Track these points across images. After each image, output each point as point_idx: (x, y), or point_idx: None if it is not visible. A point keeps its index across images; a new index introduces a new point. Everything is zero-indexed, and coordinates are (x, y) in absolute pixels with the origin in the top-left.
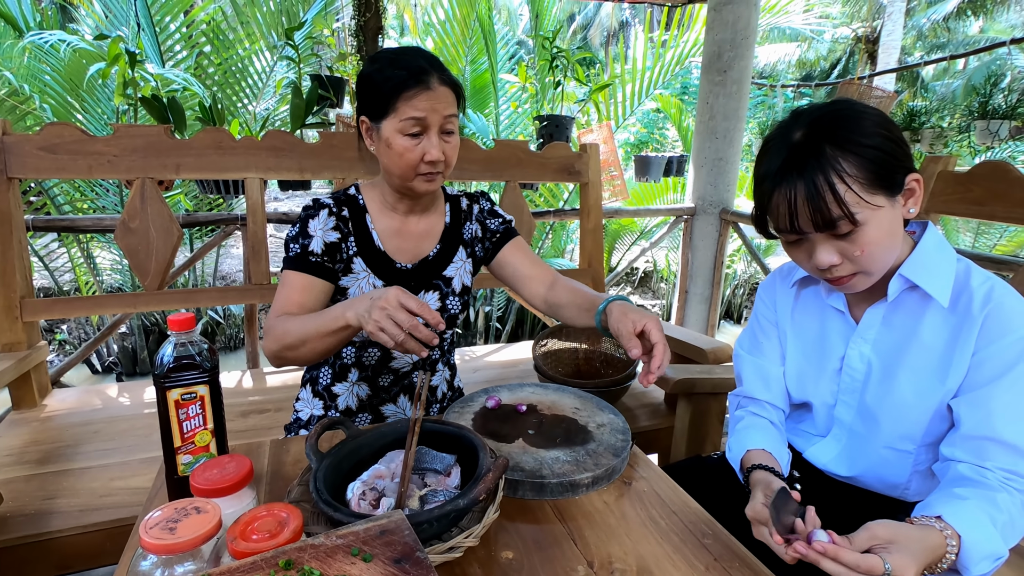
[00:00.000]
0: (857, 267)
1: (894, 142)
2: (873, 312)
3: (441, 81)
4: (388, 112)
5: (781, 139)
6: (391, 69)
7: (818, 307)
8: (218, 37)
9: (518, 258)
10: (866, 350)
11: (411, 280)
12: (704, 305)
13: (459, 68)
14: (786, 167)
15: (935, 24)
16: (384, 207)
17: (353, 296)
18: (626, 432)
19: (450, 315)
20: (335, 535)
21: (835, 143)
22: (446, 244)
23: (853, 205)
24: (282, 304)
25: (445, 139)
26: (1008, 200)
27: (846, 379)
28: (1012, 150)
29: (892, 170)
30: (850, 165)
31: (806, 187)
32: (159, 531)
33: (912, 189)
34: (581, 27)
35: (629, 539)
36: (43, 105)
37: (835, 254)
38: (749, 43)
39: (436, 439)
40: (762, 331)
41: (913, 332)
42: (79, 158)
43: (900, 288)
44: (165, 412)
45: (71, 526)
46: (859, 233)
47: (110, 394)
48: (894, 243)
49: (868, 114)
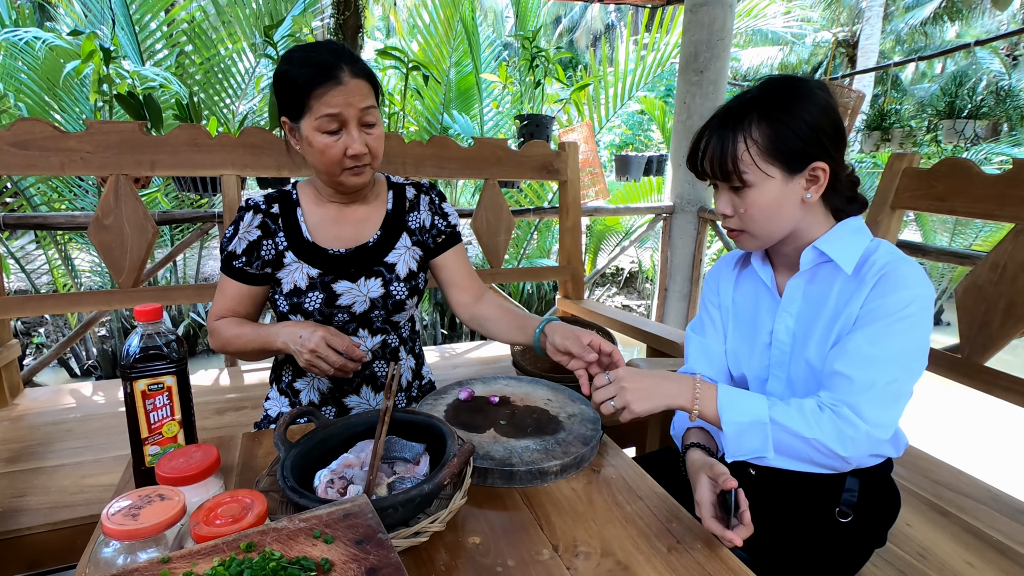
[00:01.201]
0: (743, 224)
1: (815, 129)
2: (794, 283)
3: (353, 74)
4: (304, 112)
5: (737, 96)
6: (301, 68)
7: (753, 286)
8: (199, 36)
9: (456, 265)
10: (790, 322)
11: (349, 266)
12: (683, 302)
13: (443, 69)
14: (718, 117)
15: (912, 29)
16: (319, 200)
17: (286, 285)
18: (596, 422)
19: (395, 300)
20: (298, 519)
21: (761, 111)
22: (387, 230)
23: (744, 165)
24: (218, 308)
25: (367, 131)
26: (968, 195)
27: (775, 352)
28: (987, 152)
29: (796, 150)
30: (759, 132)
31: (718, 138)
32: (121, 517)
33: (816, 176)
34: (567, 30)
35: (595, 523)
36: (18, 104)
37: (729, 206)
38: (725, 44)
39: (406, 428)
40: (707, 313)
41: (823, 302)
42: (51, 154)
43: (813, 260)
44: (132, 403)
45: (41, 523)
46: (747, 192)
47: (84, 393)
48: (779, 214)
49: (813, 99)
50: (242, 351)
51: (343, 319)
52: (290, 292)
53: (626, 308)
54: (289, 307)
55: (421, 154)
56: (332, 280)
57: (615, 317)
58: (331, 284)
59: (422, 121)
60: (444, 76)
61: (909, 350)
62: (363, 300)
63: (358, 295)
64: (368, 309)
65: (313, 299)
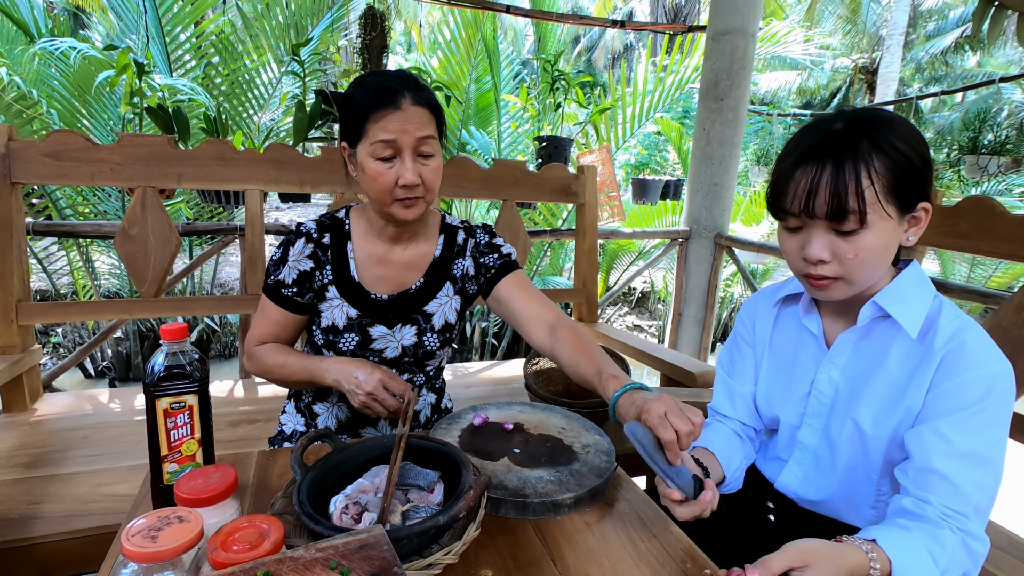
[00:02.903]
0: (843, 271)
1: (923, 159)
2: (845, 338)
3: (414, 101)
4: (361, 136)
5: (819, 126)
6: (366, 91)
7: (795, 328)
8: (226, 49)
9: (516, 295)
10: (835, 375)
11: (388, 312)
12: (697, 328)
13: (463, 87)
14: (820, 147)
15: (933, 57)
16: (370, 233)
17: (325, 320)
18: (611, 453)
19: (426, 351)
20: (314, 548)
21: (872, 140)
22: (431, 278)
23: (869, 203)
24: (260, 332)
25: (422, 162)
26: (992, 235)
27: (813, 402)
28: (1008, 183)
29: (912, 186)
30: (880, 164)
31: (834, 169)
32: (140, 539)
33: (919, 217)
34: (586, 49)
35: (608, 560)
36: (50, 110)
37: (828, 250)
38: (746, 72)
39: (421, 455)
40: (738, 351)
41: (880, 361)
42: (82, 165)
43: (871, 315)
44: (153, 420)
45: (55, 532)
46: (860, 235)
47: (101, 400)
48: (884, 260)
49: (905, 124)
50: (285, 380)
51: (374, 360)
52: (327, 328)
53: (637, 328)
54: (324, 343)
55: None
56: (369, 324)
57: (629, 343)
58: (368, 328)
59: None
60: (463, 93)
61: (997, 438)
62: (395, 347)
63: (391, 341)
64: (399, 356)
65: (348, 340)
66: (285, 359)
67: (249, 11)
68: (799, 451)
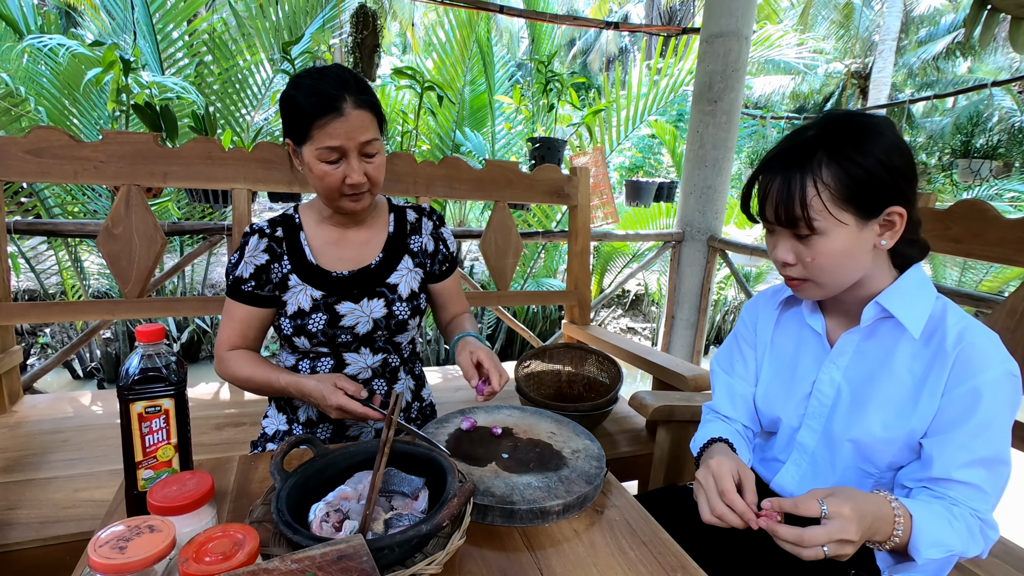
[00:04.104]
0: (807, 273)
1: (890, 169)
2: (847, 338)
3: (356, 104)
4: (306, 139)
5: (795, 134)
6: (307, 96)
7: (797, 328)
8: (219, 47)
9: (450, 290)
10: (837, 376)
11: (352, 287)
12: (690, 331)
13: (457, 87)
14: (778, 157)
15: (925, 63)
16: (322, 221)
17: (291, 307)
18: (601, 459)
19: (398, 320)
20: (290, 559)
21: (829, 151)
22: (389, 252)
23: (815, 211)
24: (227, 335)
25: (367, 161)
26: (985, 239)
27: (814, 403)
28: (999, 188)
29: (871, 194)
30: (829, 175)
31: (782, 181)
32: (108, 550)
33: (892, 221)
34: (581, 52)
35: (596, 568)
36: (38, 108)
37: (791, 253)
38: (739, 75)
39: (406, 460)
40: (739, 351)
41: (885, 363)
42: (65, 163)
43: (874, 316)
44: (128, 425)
45: (31, 538)
46: (815, 240)
47: (83, 402)
48: (850, 263)
49: (884, 137)
50: (250, 388)
51: (346, 339)
52: (294, 314)
53: (631, 331)
54: (293, 329)
55: (432, 174)
56: (335, 301)
57: (621, 345)
58: (334, 305)
59: (434, 138)
60: (458, 94)
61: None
62: (366, 321)
63: (361, 316)
64: (371, 330)
65: (317, 320)
66: (251, 373)
67: (242, 10)
68: (797, 452)
